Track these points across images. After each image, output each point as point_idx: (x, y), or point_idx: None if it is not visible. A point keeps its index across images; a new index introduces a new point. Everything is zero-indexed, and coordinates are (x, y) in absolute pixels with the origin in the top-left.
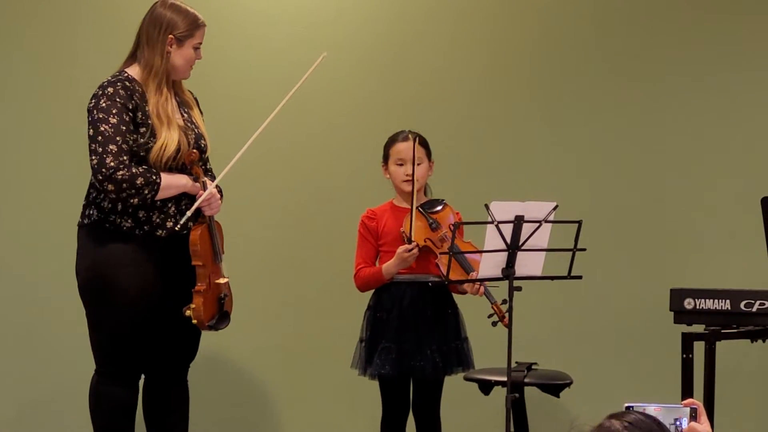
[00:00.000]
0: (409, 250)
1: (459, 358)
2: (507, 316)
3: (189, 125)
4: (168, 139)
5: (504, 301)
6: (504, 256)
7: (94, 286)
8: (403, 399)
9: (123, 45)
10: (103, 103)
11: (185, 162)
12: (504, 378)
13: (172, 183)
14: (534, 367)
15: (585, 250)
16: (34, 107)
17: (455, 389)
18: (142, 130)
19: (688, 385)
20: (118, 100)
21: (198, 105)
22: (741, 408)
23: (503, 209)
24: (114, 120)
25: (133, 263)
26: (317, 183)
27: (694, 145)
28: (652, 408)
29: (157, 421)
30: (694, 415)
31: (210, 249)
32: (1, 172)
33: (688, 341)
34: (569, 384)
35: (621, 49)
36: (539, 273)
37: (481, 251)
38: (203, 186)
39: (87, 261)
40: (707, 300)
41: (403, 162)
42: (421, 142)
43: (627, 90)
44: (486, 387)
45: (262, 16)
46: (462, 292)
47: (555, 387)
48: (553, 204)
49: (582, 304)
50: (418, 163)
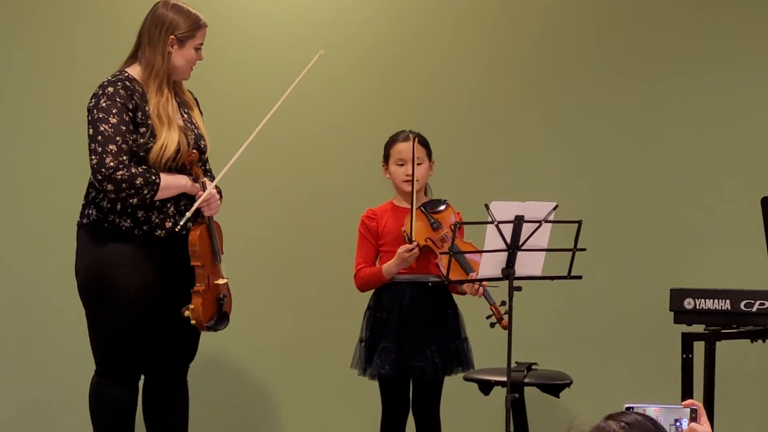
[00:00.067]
0: (410, 249)
1: (459, 358)
2: (505, 317)
3: (189, 126)
4: (168, 140)
5: (503, 303)
6: (504, 256)
7: (93, 286)
8: (403, 399)
9: (123, 45)
10: (103, 103)
11: (185, 162)
12: (504, 378)
13: (171, 183)
14: (534, 367)
15: (585, 250)
16: (34, 107)
17: (455, 389)
18: (141, 130)
19: (688, 385)
20: (118, 99)
21: (198, 105)
22: (741, 408)
23: (503, 209)
24: (114, 120)
25: (133, 263)
26: (317, 183)
27: (694, 145)
28: (652, 409)
29: (157, 422)
30: (694, 416)
31: (209, 249)
32: (1, 172)
33: (688, 341)
34: (569, 384)
35: (621, 49)
36: (539, 273)
37: (481, 251)
38: (202, 186)
39: (86, 261)
40: (707, 300)
41: (404, 162)
42: (422, 142)
43: (627, 90)
44: (486, 387)
45: (261, 16)
46: (461, 292)
47: (555, 387)
48: (553, 204)
49: (582, 304)
50: (418, 163)
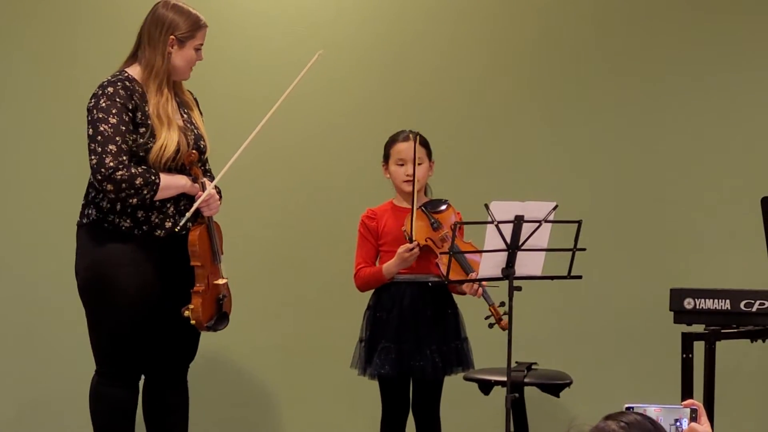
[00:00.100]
0: (410, 249)
1: (459, 358)
2: (504, 318)
3: (189, 126)
4: (168, 140)
5: (502, 303)
6: (504, 255)
7: (93, 285)
8: (403, 399)
9: (123, 45)
10: (103, 103)
11: (184, 163)
12: (504, 378)
13: (171, 183)
14: (534, 367)
15: (585, 249)
16: (34, 107)
17: (455, 389)
18: (141, 130)
19: (688, 385)
20: (117, 100)
21: (198, 105)
22: (741, 408)
23: (503, 209)
24: (114, 120)
25: (132, 263)
26: (317, 183)
27: (694, 145)
28: (652, 409)
29: (157, 422)
30: (694, 416)
31: (209, 250)
32: (1, 172)
33: (688, 341)
34: (569, 384)
35: (621, 49)
36: (539, 273)
37: (481, 251)
38: (202, 187)
39: (86, 261)
40: (707, 300)
41: (404, 162)
42: (422, 142)
43: (627, 90)
44: (486, 387)
45: (261, 16)
46: (461, 292)
47: (555, 387)
48: (553, 204)
49: (582, 304)
50: (418, 163)
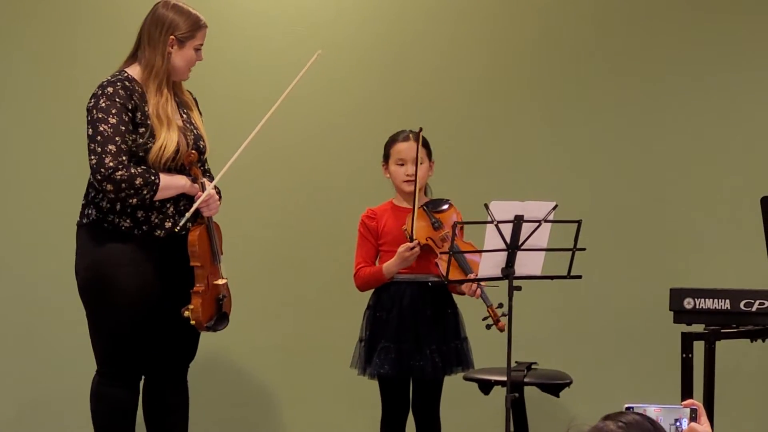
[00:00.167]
0: (411, 248)
1: (458, 357)
2: (502, 320)
3: (188, 126)
4: (167, 140)
5: (500, 305)
6: (504, 255)
7: (93, 286)
8: (403, 399)
9: (123, 45)
10: (103, 103)
11: (184, 163)
12: (504, 378)
13: (170, 184)
14: (534, 367)
15: (585, 249)
16: (34, 107)
17: (455, 389)
18: (141, 130)
19: (687, 385)
20: (117, 100)
21: (197, 106)
22: (741, 408)
23: (503, 209)
24: (113, 120)
25: (132, 263)
26: (317, 183)
27: (694, 145)
28: (652, 409)
29: (157, 422)
30: (694, 416)
31: (208, 250)
32: (1, 172)
33: (687, 341)
34: (569, 384)
35: (621, 49)
36: (539, 273)
37: (481, 251)
38: (202, 187)
39: (86, 261)
40: (707, 300)
41: (404, 162)
42: (422, 142)
43: (627, 90)
44: (486, 387)
45: (261, 16)
46: (460, 292)
47: (555, 387)
48: (553, 204)
49: (582, 303)
50: (416, 164)
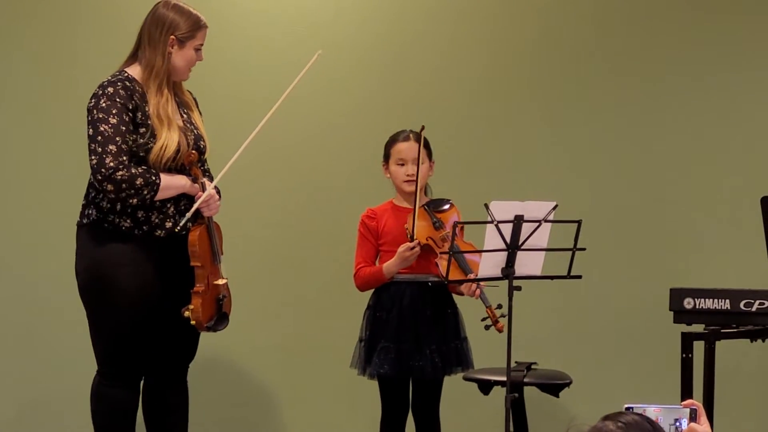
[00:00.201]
0: (411, 248)
1: (458, 358)
2: (500, 321)
3: (188, 126)
4: (168, 140)
5: (499, 306)
6: (504, 255)
7: (93, 286)
8: (403, 399)
9: (123, 45)
10: (103, 103)
11: (184, 163)
12: (503, 378)
13: (171, 184)
14: (533, 367)
15: (585, 249)
16: (34, 107)
17: (455, 389)
18: (141, 130)
19: (687, 385)
20: (118, 100)
21: (197, 106)
22: (740, 408)
23: (503, 209)
24: (114, 120)
25: (132, 263)
26: (317, 183)
27: (694, 145)
28: (651, 409)
29: (157, 422)
30: (693, 416)
31: (209, 250)
32: (1, 172)
33: (687, 341)
34: (569, 384)
35: (621, 49)
36: (539, 272)
37: (481, 251)
38: (202, 187)
39: (86, 261)
40: (707, 300)
41: (404, 162)
42: (423, 142)
43: (627, 90)
44: (485, 387)
45: (261, 16)
46: (459, 293)
47: (554, 387)
48: (553, 204)
49: (582, 303)
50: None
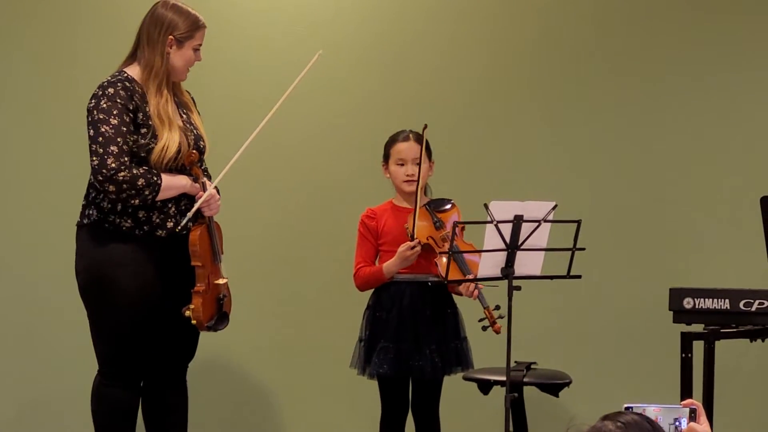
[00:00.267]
0: (412, 248)
1: (458, 357)
2: (498, 322)
3: (188, 126)
4: (169, 141)
5: (497, 307)
6: (503, 255)
7: (94, 286)
8: (403, 398)
9: (123, 45)
10: (104, 104)
11: (185, 163)
12: (503, 378)
13: (172, 184)
14: (533, 367)
15: (584, 249)
16: (34, 107)
17: (454, 389)
18: (142, 131)
19: (687, 385)
20: (118, 100)
21: (195, 105)
22: (740, 407)
23: (502, 209)
24: (115, 121)
25: (133, 263)
26: (317, 183)
27: (694, 145)
28: (651, 408)
29: (157, 422)
30: (693, 416)
31: (209, 249)
32: (1, 172)
33: (687, 341)
34: (568, 383)
35: (621, 49)
36: (538, 272)
37: (481, 251)
38: (203, 187)
39: (86, 261)
40: (706, 299)
41: (404, 162)
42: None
43: (627, 90)
44: (485, 387)
45: (261, 16)
46: (458, 293)
47: (554, 386)
48: (552, 204)
49: (581, 303)
50: (417, 163)
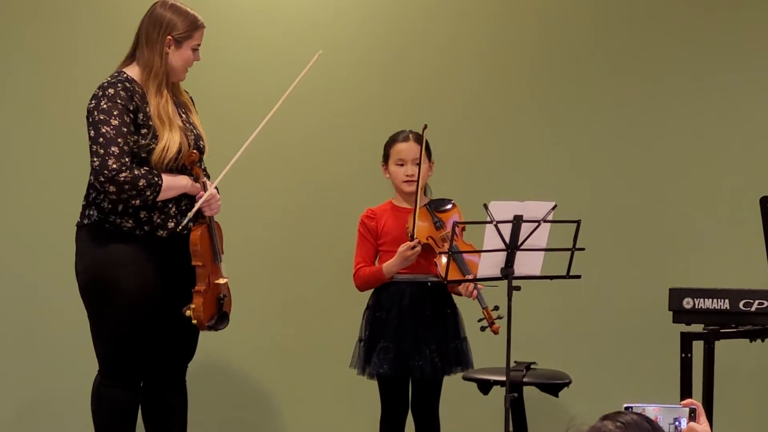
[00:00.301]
0: (412, 247)
1: (458, 357)
2: (497, 322)
3: (188, 126)
4: (170, 141)
5: (495, 307)
6: (503, 255)
7: (94, 286)
8: (402, 398)
9: (123, 45)
10: (104, 105)
11: (185, 163)
12: (503, 378)
13: (173, 184)
14: (533, 367)
15: (584, 249)
16: (34, 107)
17: (454, 389)
18: (143, 131)
19: (686, 385)
20: (119, 101)
21: (194, 105)
22: (740, 407)
23: (502, 209)
24: (115, 122)
25: (133, 263)
26: (317, 183)
27: (694, 145)
28: (651, 408)
29: (156, 422)
30: (693, 415)
31: (210, 249)
32: (1, 172)
33: (686, 341)
34: (568, 383)
35: (621, 49)
36: (538, 272)
37: (481, 251)
38: (203, 186)
39: (87, 261)
40: (706, 299)
41: (404, 162)
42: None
43: (627, 90)
44: (485, 387)
45: (260, 16)
46: (457, 293)
47: (554, 386)
48: (552, 204)
49: (581, 303)
50: (416, 163)
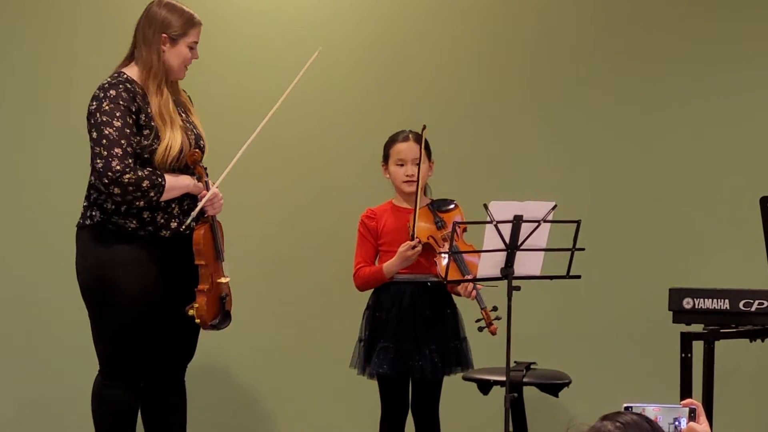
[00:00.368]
0: (413, 247)
1: (458, 358)
2: (495, 323)
3: (188, 125)
4: (172, 140)
5: (494, 308)
6: (503, 255)
7: (96, 286)
8: (402, 399)
9: (123, 45)
10: (106, 106)
11: (187, 162)
12: (503, 378)
13: (176, 184)
14: (533, 367)
15: (584, 249)
16: (34, 107)
17: (454, 389)
18: (145, 132)
19: (686, 385)
20: (121, 102)
21: (192, 105)
22: (740, 407)
23: (502, 209)
24: (118, 123)
25: (135, 263)
26: (317, 182)
27: (694, 145)
28: (651, 408)
29: (156, 423)
30: (693, 415)
31: (212, 248)
32: (1, 172)
33: (686, 341)
34: (568, 384)
35: (621, 49)
36: (538, 272)
37: (481, 251)
38: (206, 185)
39: (88, 262)
40: (706, 299)
41: (404, 162)
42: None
43: (627, 90)
44: (485, 387)
45: (260, 15)
46: (457, 293)
47: (554, 387)
48: (552, 204)
49: (581, 303)
50: (416, 163)
